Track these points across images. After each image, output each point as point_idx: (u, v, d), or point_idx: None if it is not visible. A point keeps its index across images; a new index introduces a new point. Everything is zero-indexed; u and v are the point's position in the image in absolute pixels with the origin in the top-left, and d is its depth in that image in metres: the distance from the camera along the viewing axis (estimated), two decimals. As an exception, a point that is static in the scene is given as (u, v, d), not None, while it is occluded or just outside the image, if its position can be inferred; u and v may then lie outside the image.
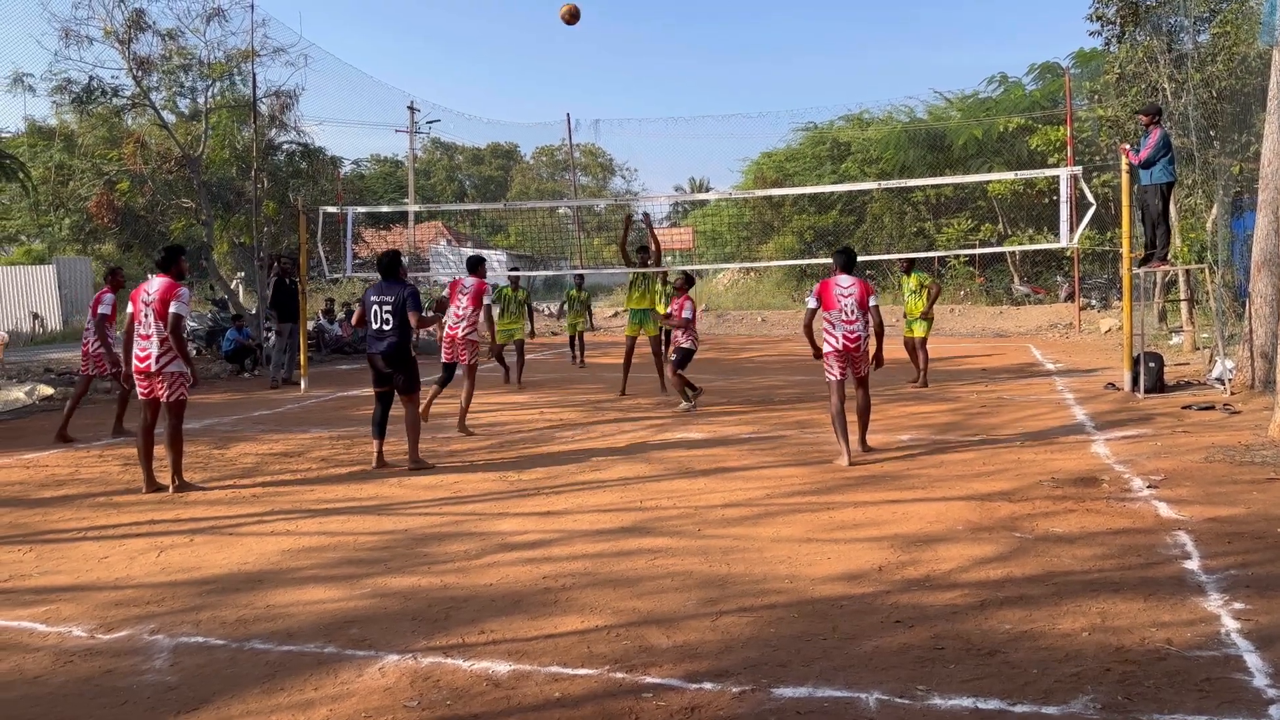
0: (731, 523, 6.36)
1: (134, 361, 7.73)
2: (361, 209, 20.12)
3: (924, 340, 13.28)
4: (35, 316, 27.07)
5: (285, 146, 20.31)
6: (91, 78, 17.30)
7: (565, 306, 19.01)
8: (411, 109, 40.17)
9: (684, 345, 11.45)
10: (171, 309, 7.52)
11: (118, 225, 18.46)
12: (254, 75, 18.34)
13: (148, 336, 7.61)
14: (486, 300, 10.51)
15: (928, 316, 13.20)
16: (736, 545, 5.79)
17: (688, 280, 11.89)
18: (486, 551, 5.81)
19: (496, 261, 49.80)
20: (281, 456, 9.21)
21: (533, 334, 16.84)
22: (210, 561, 5.71)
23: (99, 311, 10.55)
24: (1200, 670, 3.83)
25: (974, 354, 18.59)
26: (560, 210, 41.62)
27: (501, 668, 4.05)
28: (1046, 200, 29.65)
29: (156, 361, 7.59)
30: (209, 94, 18.54)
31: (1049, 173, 17.05)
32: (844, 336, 8.30)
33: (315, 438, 10.23)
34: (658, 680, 3.89)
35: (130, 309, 7.83)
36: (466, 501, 7.20)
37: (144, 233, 18.72)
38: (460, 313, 10.36)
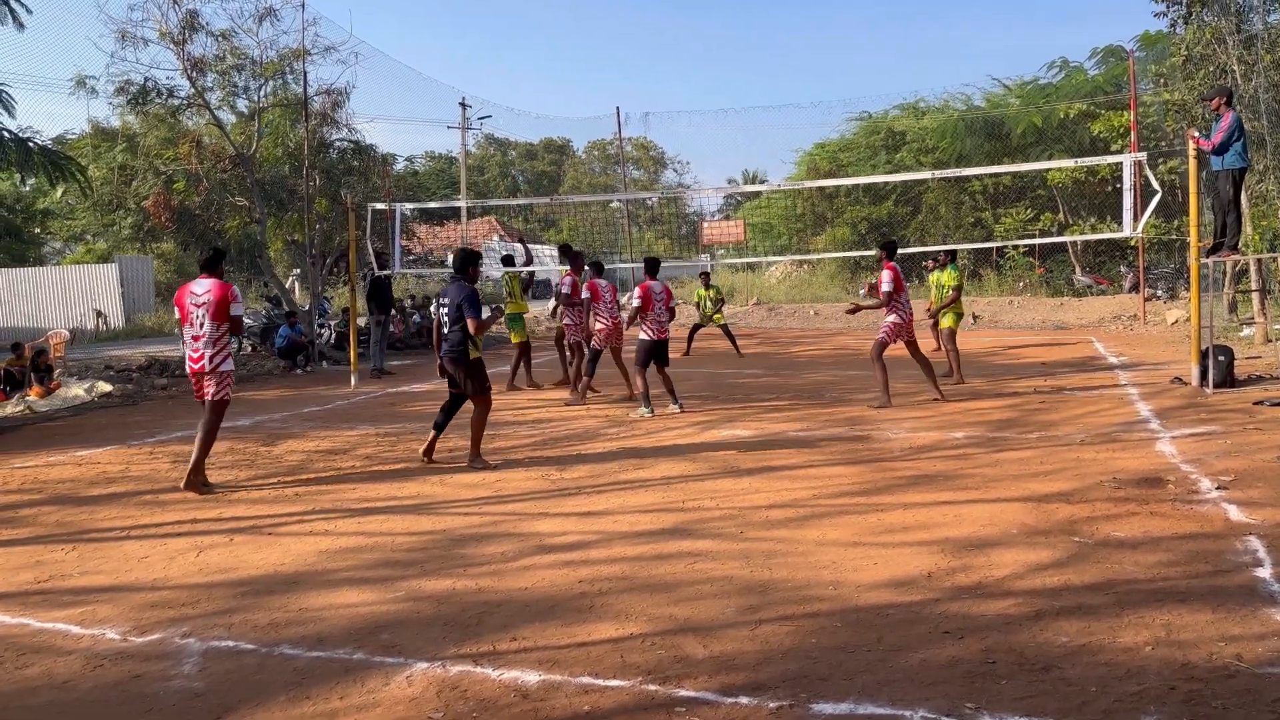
0: (775, 525, 6.18)
1: (188, 364, 7.89)
2: (409, 205, 20.20)
3: (953, 333, 12.94)
4: (99, 314, 27.73)
5: (337, 144, 20.46)
6: (147, 78, 17.58)
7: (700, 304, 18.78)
8: (463, 105, 40.42)
9: (641, 337, 11.15)
10: (233, 312, 7.74)
11: (174, 224, 18.74)
12: (305, 74, 18.51)
13: (200, 338, 7.73)
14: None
15: (954, 309, 12.92)
16: (780, 549, 5.61)
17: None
18: (524, 554, 5.70)
19: (547, 255, 49.99)
20: (327, 454, 9.22)
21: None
22: (247, 562, 5.68)
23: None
24: (1272, 689, 3.57)
25: (1033, 347, 18.09)
26: (612, 204, 41.53)
27: (531, 678, 3.93)
28: (1110, 188, 28.79)
29: (210, 361, 7.74)
30: (262, 93, 18.72)
31: (1112, 159, 16.50)
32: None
33: (362, 435, 10.24)
34: (692, 693, 3.74)
35: (178, 312, 7.93)
36: (507, 501, 7.10)
37: (200, 231, 18.98)
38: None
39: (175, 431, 10.74)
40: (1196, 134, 11.21)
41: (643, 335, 11.06)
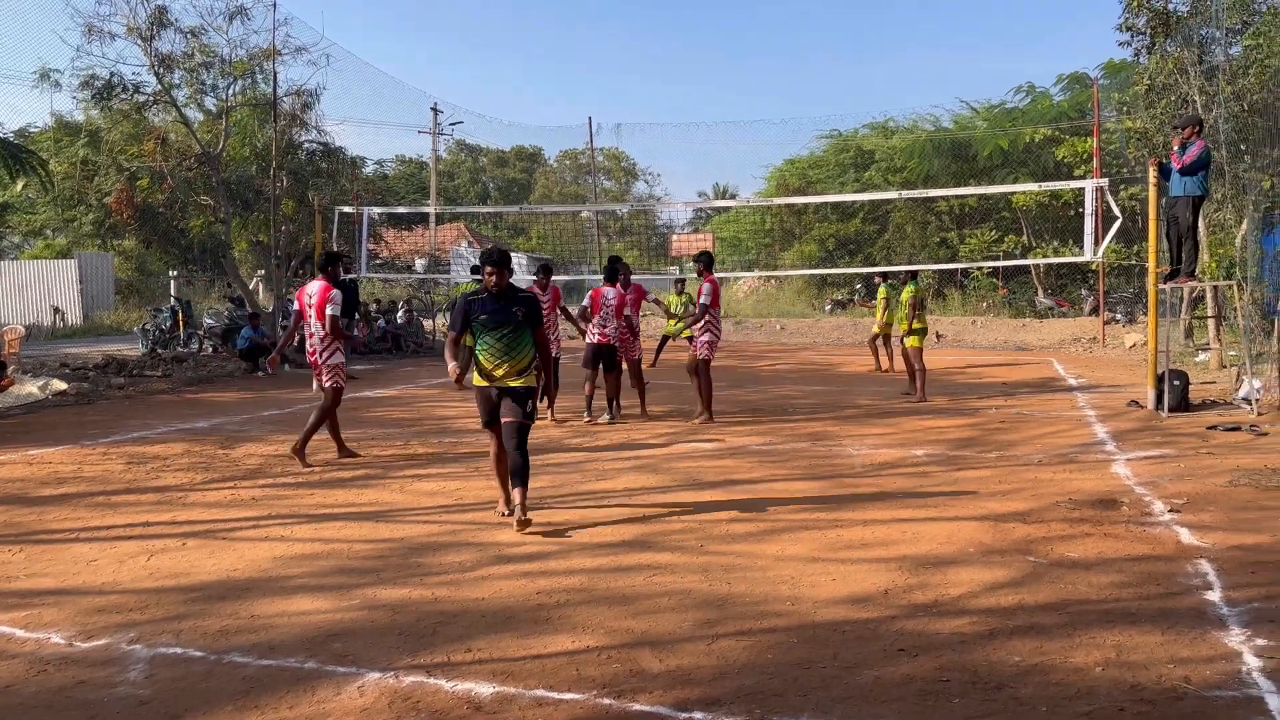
0: (736, 539, 6.18)
1: (307, 355, 9.04)
2: (377, 209, 20.08)
3: (919, 351, 13.09)
4: (56, 311, 27.25)
5: (306, 146, 20.31)
6: (112, 73, 17.35)
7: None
8: (435, 110, 40.24)
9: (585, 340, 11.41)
10: (327, 311, 8.72)
11: (137, 221, 18.48)
12: (275, 74, 18.36)
13: (314, 334, 8.81)
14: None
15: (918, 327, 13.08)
16: (739, 563, 5.61)
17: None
18: (482, 564, 5.66)
19: (517, 264, 49.84)
20: (286, 458, 9.09)
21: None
22: (200, 567, 5.59)
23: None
24: (1219, 713, 3.62)
25: (995, 367, 18.30)
26: (583, 214, 41.56)
27: (485, 690, 3.89)
28: (1072, 212, 29.24)
29: (320, 356, 8.81)
30: (230, 92, 18.54)
31: (1074, 184, 16.81)
32: None
33: (324, 440, 10.10)
34: (646, 708, 3.72)
35: (295, 306, 9.23)
36: (467, 510, 7.05)
37: (163, 229, 18.75)
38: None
39: (130, 432, 10.57)
40: (1175, 150, 11.34)
41: (586, 339, 11.36)
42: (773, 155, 69.16)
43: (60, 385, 13.93)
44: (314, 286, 8.90)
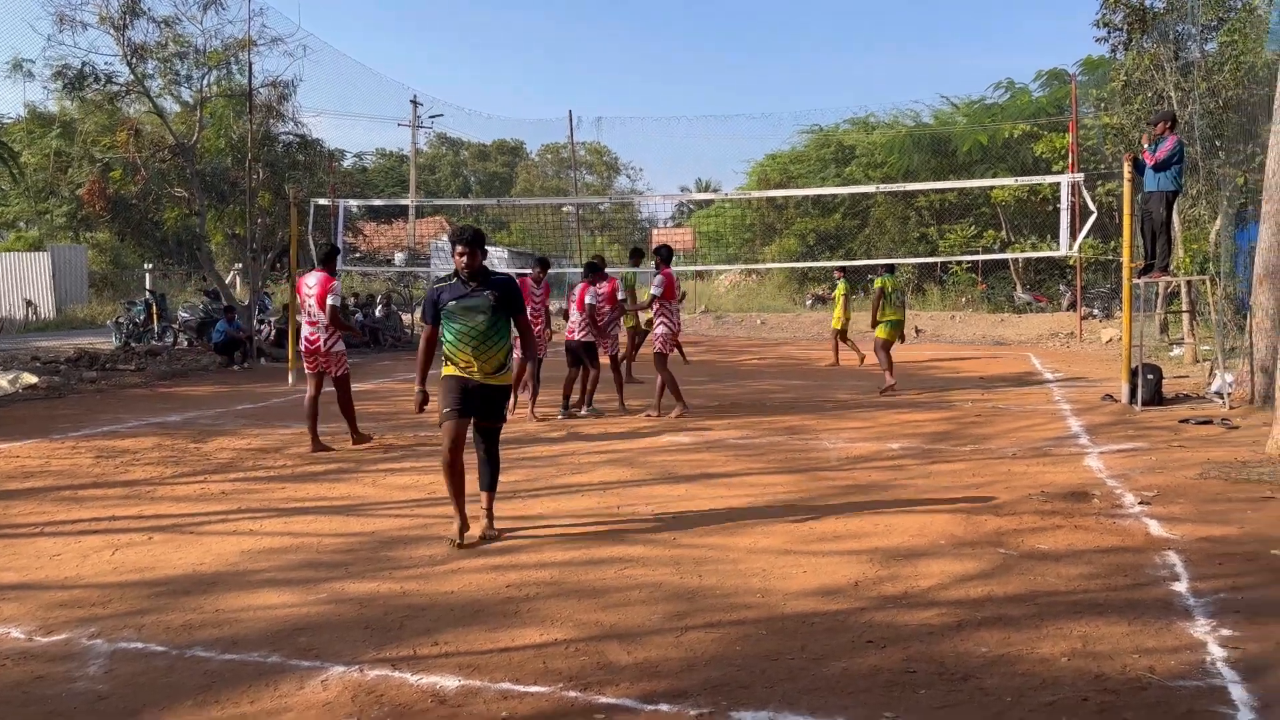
0: (709, 532, 6.17)
1: (303, 343, 9.22)
2: (354, 202, 19.94)
3: (885, 343, 13.21)
4: (28, 304, 26.92)
5: (283, 138, 20.13)
6: (85, 63, 17.13)
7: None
8: (414, 103, 40.02)
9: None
10: (329, 301, 8.98)
11: (110, 213, 18.28)
12: (250, 64, 18.17)
13: (314, 323, 9.08)
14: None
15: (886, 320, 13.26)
16: (711, 556, 5.60)
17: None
18: (453, 557, 5.62)
19: (497, 258, 49.68)
20: (259, 452, 9.03)
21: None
22: (165, 561, 5.52)
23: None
24: (1182, 702, 3.64)
25: (973, 362, 18.38)
26: (565, 208, 41.46)
27: (450, 683, 3.86)
28: (1050, 208, 29.39)
29: (323, 345, 9.09)
30: (204, 82, 18.34)
31: (1050, 179, 16.89)
32: None
33: (297, 433, 10.04)
34: (612, 700, 3.70)
35: (297, 298, 9.60)
36: (440, 503, 6.96)
37: (136, 221, 18.56)
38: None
39: (101, 426, 10.46)
40: (1146, 148, 11.42)
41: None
42: (754, 150, 69.37)
43: (31, 379, 13.76)
44: (313, 278, 9.12)
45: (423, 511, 6.76)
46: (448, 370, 5.93)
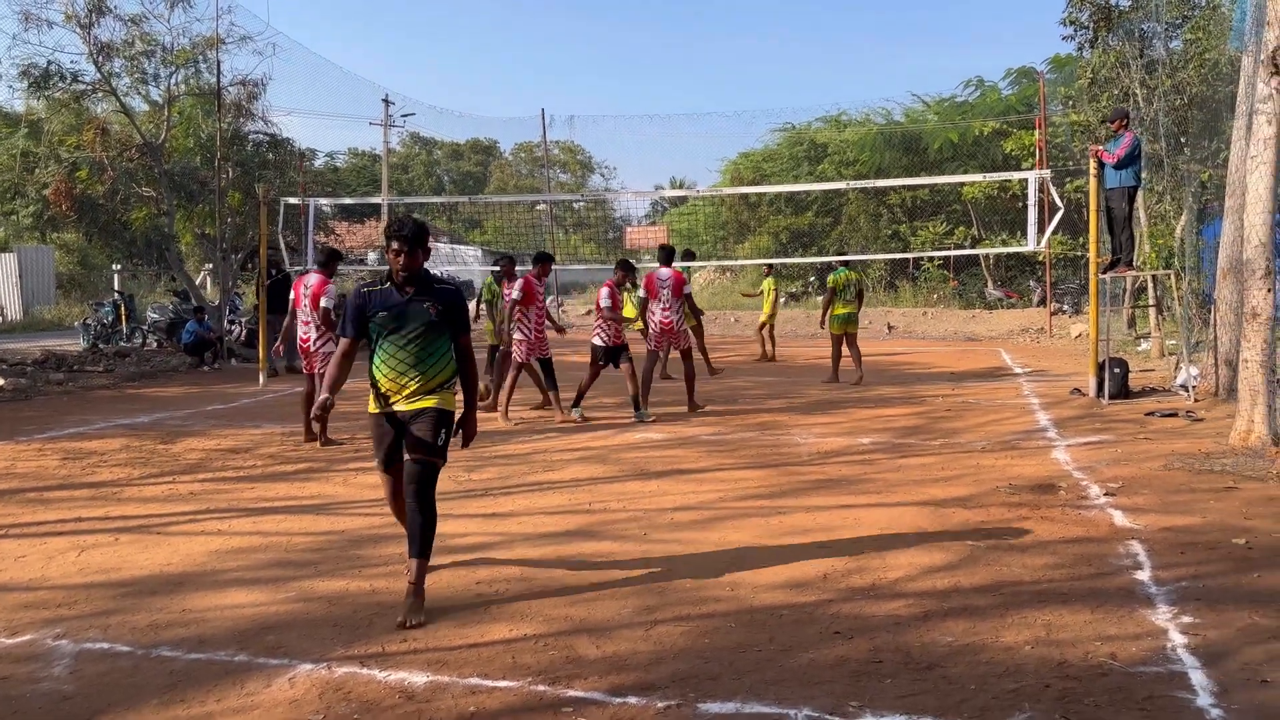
0: (680, 527, 6.19)
1: (297, 341, 9.59)
2: (325, 200, 19.80)
3: (837, 338, 13.97)
4: (-5, 306, 26.57)
5: (253, 137, 19.94)
6: (50, 62, 16.91)
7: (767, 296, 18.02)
8: (386, 102, 39.73)
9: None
10: (321, 303, 9.30)
11: (76, 213, 18.04)
12: (219, 63, 18.00)
13: (307, 323, 9.44)
14: (686, 289, 11.38)
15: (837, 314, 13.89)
16: (681, 551, 5.62)
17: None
18: (423, 554, 5.60)
19: (471, 257, 49.48)
20: (228, 453, 8.96)
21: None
22: (132, 562, 5.48)
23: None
24: (1143, 688, 3.70)
25: (944, 357, 18.52)
26: (539, 207, 41.37)
27: (419, 679, 3.85)
28: (1020, 204, 29.64)
29: (313, 344, 9.39)
30: (172, 81, 18.14)
31: (1018, 175, 17.05)
32: None
33: (266, 434, 9.99)
34: (581, 694, 3.72)
35: (292, 296, 9.68)
36: (411, 501, 6.98)
37: (104, 221, 18.32)
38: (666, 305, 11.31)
39: (68, 428, 10.34)
40: (1101, 148, 11.58)
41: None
42: (727, 148, 69.47)
43: (-4, 381, 13.57)
44: (312, 278, 9.51)
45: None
46: (372, 408, 4.86)
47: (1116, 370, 11.47)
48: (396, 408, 4.75)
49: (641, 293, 11.45)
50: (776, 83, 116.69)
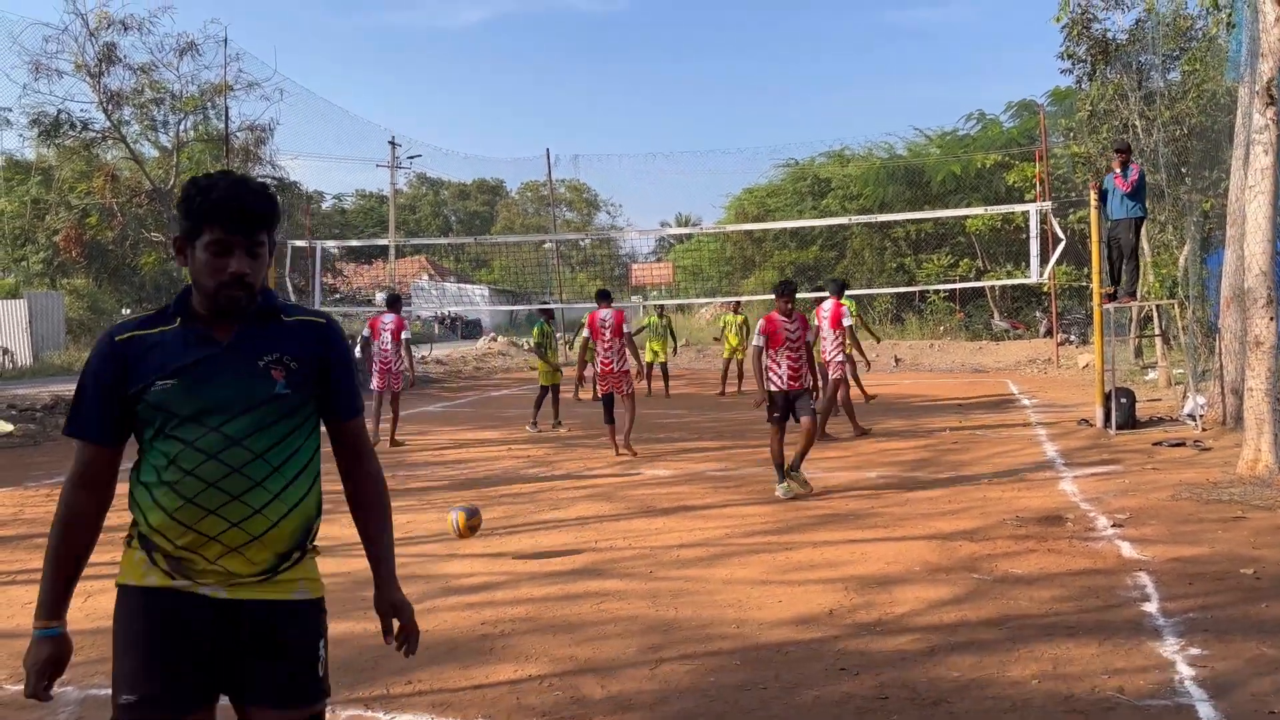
0: (686, 564, 6.18)
1: (377, 364, 12.10)
2: (331, 243, 19.99)
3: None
4: (4, 351, 26.71)
5: (260, 180, 20.20)
6: (60, 110, 17.20)
7: (645, 333, 18.65)
8: (393, 144, 40.20)
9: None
10: (403, 336, 12.19)
11: (86, 259, 18.24)
12: (226, 109, 18.29)
13: (386, 350, 12.08)
14: (626, 330, 10.91)
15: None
16: (687, 588, 5.61)
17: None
18: (428, 596, 5.60)
19: (479, 296, 49.70)
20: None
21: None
22: (138, 607, 5.48)
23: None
24: (1151, 721, 3.67)
25: (951, 389, 18.50)
26: (545, 245, 41.63)
27: (423, 721, 3.85)
28: (1024, 236, 29.70)
29: (394, 367, 12.07)
30: (181, 127, 18.43)
31: (1019, 208, 17.12)
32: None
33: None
34: (585, 734, 3.70)
35: (367, 331, 12.53)
36: (417, 542, 6.99)
37: (114, 267, 18.51)
38: (607, 345, 10.78)
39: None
40: (1118, 173, 11.57)
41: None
42: (732, 185, 69.95)
43: (6, 427, 13.64)
44: (388, 317, 12.30)
45: (399, 551, 6.61)
46: (131, 575, 2.33)
47: (1123, 400, 11.44)
48: (205, 589, 2.20)
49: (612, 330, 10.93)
50: (780, 120, 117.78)
